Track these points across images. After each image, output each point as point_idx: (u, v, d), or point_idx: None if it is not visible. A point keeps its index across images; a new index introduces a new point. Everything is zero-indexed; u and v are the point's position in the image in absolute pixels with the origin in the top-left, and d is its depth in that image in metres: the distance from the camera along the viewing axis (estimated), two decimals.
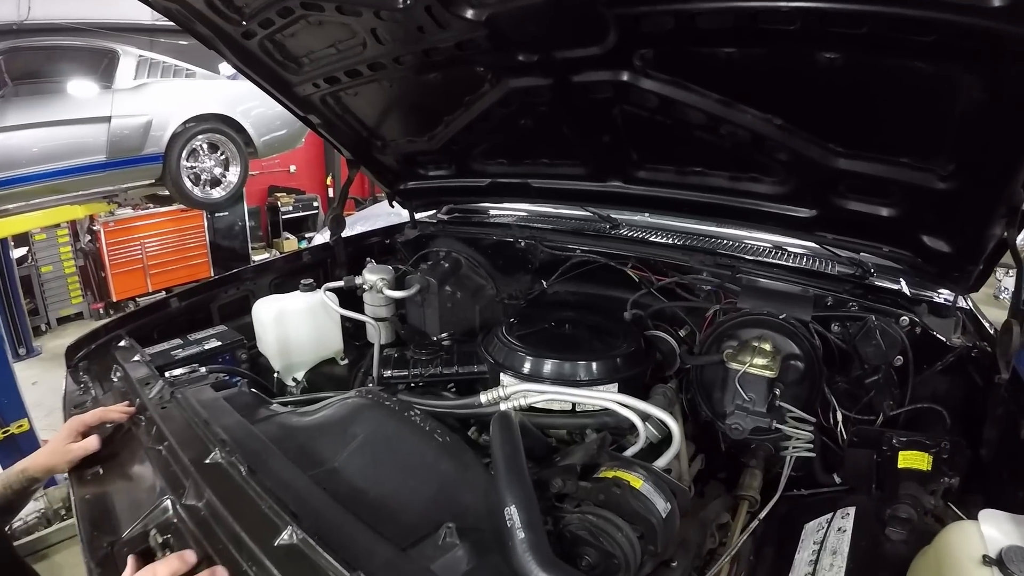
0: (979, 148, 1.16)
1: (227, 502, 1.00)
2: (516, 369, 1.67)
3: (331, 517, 0.95)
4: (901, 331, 1.46)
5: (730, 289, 1.76)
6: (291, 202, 8.70)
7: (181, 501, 1.09)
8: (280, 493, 0.99)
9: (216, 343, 1.91)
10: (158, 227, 6.81)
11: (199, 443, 1.17)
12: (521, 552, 0.91)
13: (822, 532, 1.33)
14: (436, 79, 1.77)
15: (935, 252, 1.41)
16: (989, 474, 1.22)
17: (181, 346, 1.86)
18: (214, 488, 1.04)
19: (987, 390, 1.26)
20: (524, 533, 0.93)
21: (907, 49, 1.06)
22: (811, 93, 1.31)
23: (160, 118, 5.39)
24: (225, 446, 1.13)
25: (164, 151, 5.44)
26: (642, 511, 1.17)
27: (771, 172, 1.59)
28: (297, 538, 0.89)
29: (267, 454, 1.13)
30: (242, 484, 1.03)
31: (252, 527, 0.94)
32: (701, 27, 1.22)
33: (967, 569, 0.89)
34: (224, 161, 5.95)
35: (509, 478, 1.04)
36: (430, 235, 2.50)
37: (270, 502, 0.96)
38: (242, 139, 5.91)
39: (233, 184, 6.04)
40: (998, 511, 0.97)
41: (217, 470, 1.09)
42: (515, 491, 1.00)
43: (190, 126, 5.53)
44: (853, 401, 1.54)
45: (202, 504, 1.06)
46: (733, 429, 1.49)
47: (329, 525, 0.93)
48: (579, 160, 1.94)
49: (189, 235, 7.08)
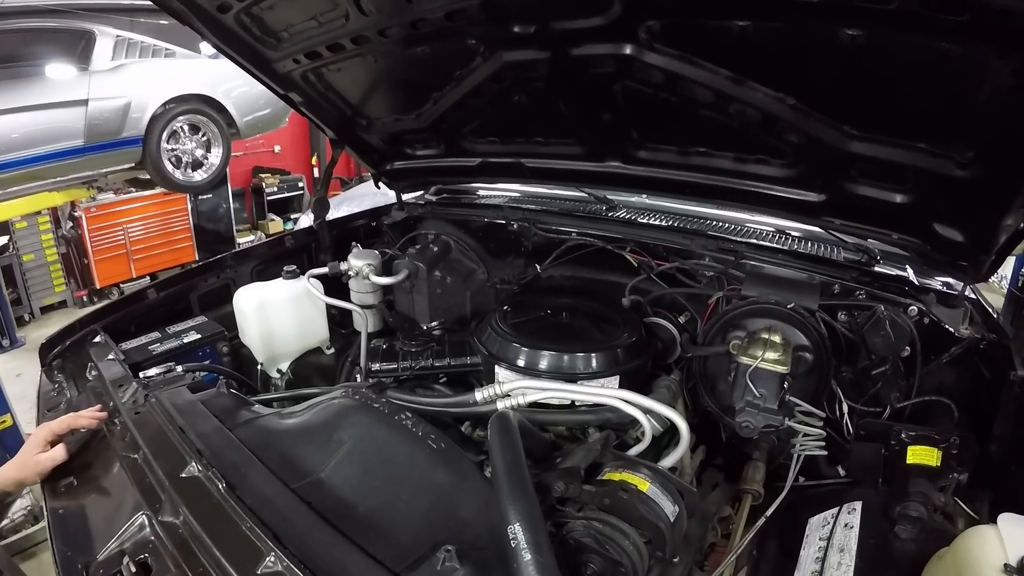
0: (1001, 136, 1.10)
1: (205, 522, 0.94)
2: (512, 361, 1.60)
3: (318, 538, 0.89)
4: (910, 321, 1.41)
5: (733, 275, 1.71)
6: (276, 183, 8.54)
7: (157, 517, 1.02)
8: (261, 512, 0.92)
9: (196, 336, 1.81)
10: (141, 211, 6.60)
11: (175, 453, 1.10)
12: (527, 575, 0.85)
13: (828, 528, 1.30)
14: (424, 53, 1.66)
15: (947, 241, 1.36)
16: (998, 470, 1.19)
17: (159, 340, 1.77)
18: (190, 505, 0.98)
19: (996, 383, 1.23)
20: (530, 555, 0.86)
21: (937, 28, 0.99)
22: (829, 72, 1.23)
23: (139, 100, 5.22)
24: (202, 458, 1.06)
25: (144, 134, 5.29)
26: (650, 516, 1.12)
27: (780, 154, 1.52)
28: (281, 565, 0.83)
29: (247, 466, 1.05)
30: (220, 501, 0.96)
31: (232, 551, 0.88)
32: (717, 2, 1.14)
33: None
34: (206, 143, 5.82)
35: (512, 493, 0.97)
36: (418, 217, 2.41)
37: (250, 523, 0.89)
38: (224, 120, 5.77)
39: (215, 166, 5.91)
40: (1017, 516, 0.94)
41: (194, 485, 1.02)
42: (519, 507, 0.94)
43: (170, 107, 5.38)
44: (859, 392, 1.50)
45: (180, 521, 0.99)
46: (744, 428, 1.44)
47: (316, 548, 0.87)
48: (576, 139, 1.86)
49: (173, 219, 6.88)
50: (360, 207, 6.71)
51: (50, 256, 6.28)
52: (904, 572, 1.07)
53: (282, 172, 8.77)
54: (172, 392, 1.31)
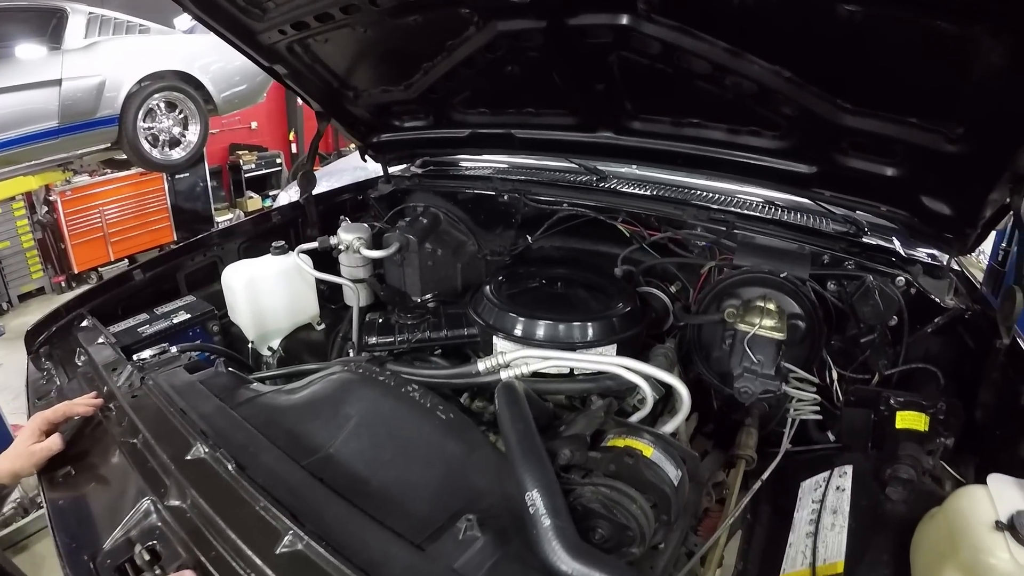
0: (991, 113, 1.12)
1: (216, 504, 0.93)
2: (509, 332, 1.61)
3: (335, 514, 0.89)
4: (898, 291, 1.45)
5: (725, 245, 1.73)
6: (253, 160, 8.37)
7: (163, 502, 1.01)
8: (274, 491, 0.92)
9: (185, 316, 1.78)
10: (117, 193, 6.37)
11: (177, 436, 1.09)
12: (548, 540, 0.87)
13: (820, 490, 1.35)
14: (415, 22, 1.62)
15: (934, 213, 1.39)
16: (983, 435, 1.24)
17: (148, 321, 1.73)
18: (200, 488, 0.97)
19: (981, 353, 1.28)
20: (549, 520, 0.89)
21: (933, 7, 1.01)
22: (825, 46, 1.24)
23: (114, 78, 5.05)
24: (207, 438, 1.04)
25: (119, 113, 5.14)
26: (655, 480, 1.15)
27: (773, 126, 1.54)
28: (301, 544, 0.82)
29: (255, 445, 1.04)
30: (230, 482, 0.95)
31: (248, 532, 0.87)
32: None
33: (979, 534, 0.90)
34: (183, 120, 5.68)
35: (526, 460, 0.99)
36: (406, 190, 2.38)
37: (264, 502, 0.89)
38: (201, 96, 5.63)
39: (193, 144, 5.80)
40: (1006, 476, 0.98)
41: (201, 467, 1.01)
42: (535, 474, 0.96)
43: (146, 85, 5.22)
44: (848, 360, 1.55)
45: (187, 505, 0.98)
46: (743, 393, 1.48)
47: (333, 524, 0.86)
48: (568, 109, 1.85)
49: (149, 199, 6.67)
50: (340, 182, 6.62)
51: (26, 242, 6.05)
52: (896, 532, 1.12)
53: (259, 149, 8.60)
54: (169, 373, 1.29)
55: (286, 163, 8.71)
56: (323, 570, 0.78)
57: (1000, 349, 1.17)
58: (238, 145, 8.37)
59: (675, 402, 1.57)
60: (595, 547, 1.03)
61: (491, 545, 0.86)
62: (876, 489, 1.23)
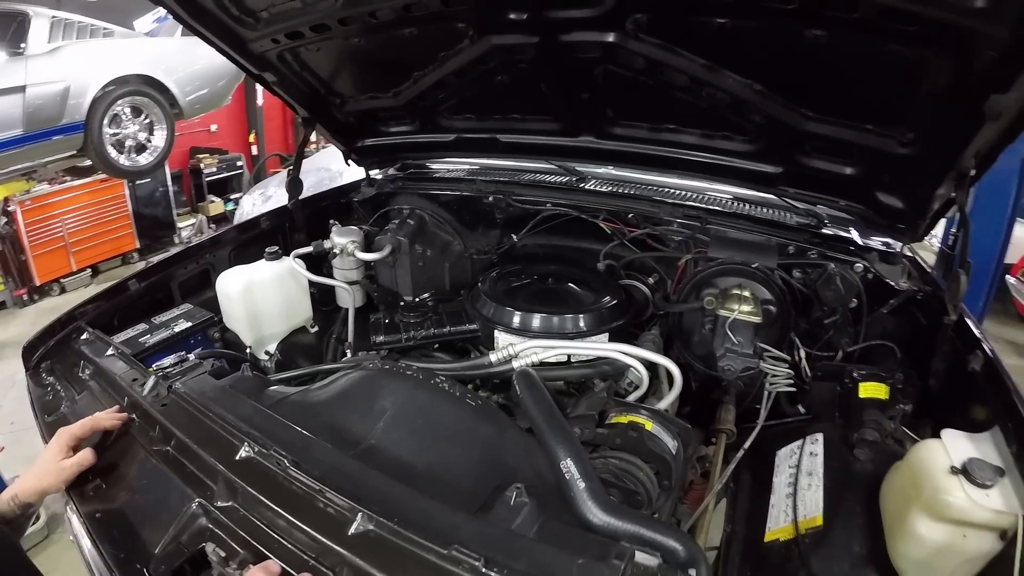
0: (937, 121, 1.29)
1: (276, 498, 0.97)
2: (510, 325, 1.73)
3: (395, 496, 0.95)
4: (857, 277, 1.64)
5: (700, 239, 1.88)
6: (214, 163, 8.17)
7: (213, 503, 1.04)
8: (333, 481, 0.97)
9: (186, 324, 1.81)
10: (77, 201, 6.15)
11: (221, 439, 1.12)
12: (584, 500, 1.00)
13: (795, 457, 1.52)
14: (411, 34, 1.70)
15: (888, 207, 1.57)
16: (937, 401, 1.43)
17: (148, 331, 1.75)
18: (256, 486, 1.01)
19: (932, 328, 1.46)
20: (584, 483, 1.01)
21: (890, 34, 1.16)
22: (792, 63, 1.39)
23: (79, 83, 4.91)
24: (255, 438, 1.08)
25: (85, 119, 4.99)
26: (657, 450, 1.30)
27: (743, 131, 1.69)
28: (371, 524, 0.89)
29: (301, 441, 1.09)
30: (287, 477, 1.00)
31: (317, 521, 0.92)
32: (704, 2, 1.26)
33: (938, 479, 1.06)
34: (148, 125, 5.56)
35: (556, 434, 1.11)
36: (390, 193, 2.44)
37: (328, 491, 0.94)
38: (166, 100, 5.52)
39: (160, 148, 5.68)
40: (957, 431, 1.16)
41: (252, 465, 1.05)
42: (566, 445, 1.08)
43: (110, 90, 5.08)
44: (813, 340, 1.72)
45: (240, 503, 1.02)
46: (726, 371, 1.64)
47: (396, 505, 0.92)
48: (552, 116, 1.96)
49: (110, 206, 6.45)
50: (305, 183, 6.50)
51: None
52: (866, 486, 1.28)
53: (220, 152, 8.41)
54: (196, 381, 1.31)
55: (247, 166, 8.56)
56: (398, 544, 0.85)
57: (948, 324, 1.36)
58: (198, 148, 8.17)
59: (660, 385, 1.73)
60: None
61: (536, 508, 0.97)
62: (845, 452, 1.40)
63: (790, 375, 1.64)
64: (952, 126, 1.24)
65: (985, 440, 1.11)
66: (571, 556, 0.82)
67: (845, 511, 1.27)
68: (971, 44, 1.07)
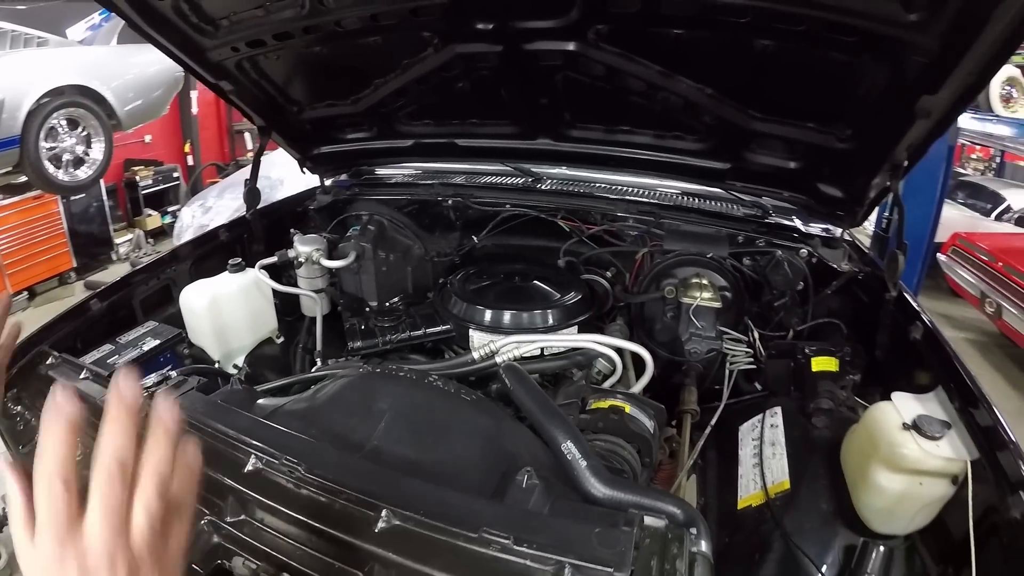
0: (873, 119, 1.44)
1: (295, 505, 0.97)
2: (483, 324, 1.80)
3: (412, 491, 0.97)
4: (802, 261, 1.79)
5: (655, 233, 2.00)
6: (150, 175, 7.77)
7: (222, 520, 1.02)
8: (348, 483, 0.97)
9: (155, 341, 1.74)
10: (9, 220, 5.70)
11: (223, 455, 1.09)
12: (587, 477, 1.07)
13: (757, 430, 1.64)
14: (375, 43, 1.72)
15: (828, 196, 1.73)
16: (883, 370, 1.58)
17: (115, 351, 1.67)
18: (270, 495, 0.99)
19: (873, 305, 1.62)
20: (585, 461, 1.09)
21: (832, 44, 1.29)
22: (741, 69, 1.52)
23: (12, 96, 4.59)
24: (261, 450, 1.06)
25: (20, 133, 4.67)
26: (637, 430, 1.40)
27: (694, 131, 1.81)
28: (397, 518, 0.90)
29: (308, 448, 1.08)
30: (300, 484, 0.99)
31: (340, 523, 0.92)
32: (663, 12, 1.35)
33: (892, 435, 1.18)
34: (86, 138, 5.25)
35: (553, 419, 1.18)
36: (347, 200, 2.43)
37: (346, 491, 0.95)
38: (104, 111, 5.23)
39: (99, 161, 5.39)
40: (905, 393, 1.30)
41: (262, 477, 1.03)
42: (563, 429, 1.15)
43: (45, 102, 4.76)
44: (765, 322, 1.87)
45: (253, 516, 1.01)
46: (692, 353, 1.75)
47: (415, 499, 0.94)
48: (511, 120, 2.02)
49: (44, 225, 6.02)
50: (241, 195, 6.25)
51: None
52: (826, 450, 1.40)
53: (155, 163, 8.04)
54: (185, 397, 1.27)
55: (184, 177, 8.23)
56: (426, 535, 0.87)
57: (890, 300, 1.51)
58: (133, 160, 7.75)
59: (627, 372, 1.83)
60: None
61: (545, 489, 1.03)
62: (803, 421, 1.52)
63: (749, 353, 1.77)
64: (887, 123, 1.38)
65: (931, 399, 1.26)
66: (587, 527, 0.88)
67: (810, 474, 1.39)
68: (904, 52, 1.21)
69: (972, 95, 1.24)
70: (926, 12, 1.11)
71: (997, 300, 5.04)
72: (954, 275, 5.77)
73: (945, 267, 5.89)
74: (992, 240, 5.62)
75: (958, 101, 1.23)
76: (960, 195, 7.65)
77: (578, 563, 0.80)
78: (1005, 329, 5.06)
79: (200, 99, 8.58)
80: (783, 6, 1.22)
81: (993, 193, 7.50)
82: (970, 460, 1.11)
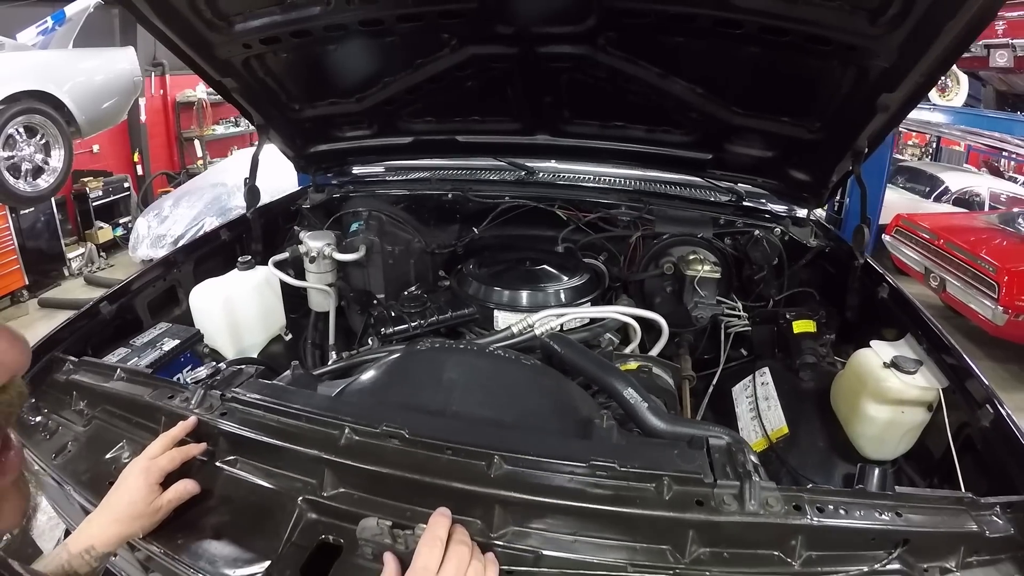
0: (839, 113, 1.67)
1: (406, 467, 1.00)
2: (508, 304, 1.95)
3: (514, 439, 1.06)
4: (777, 239, 2.05)
5: (646, 218, 2.21)
6: (100, 186, 7.31)
7: (320, 495, 1.03)
8: (450, 439, 1.03)
9: (173, 342, 1.73)
10: None
11: (312, 433, 1.09)
12: (650, 416, 1.25)
13: (749, 389, 1.85)
14: (390, 42, 1.79)
15: (797, 180, 1.98)
16: (854, 329, 1.83)
17: (133, 354, 1.65)
18: (372, 463, 1.02)
19: (841, 274, 1.88)
20: (646, 403, 1.27)
21: (809, 51, 1.51)
22: (728, 71, 1.73)
23: None
24: (353, 424, 1.08)
25: None
26: (663, 386, 1.60)
27: (681, 126, 2.02)
28: (509, 463, 0.97)
29: (398, 415, 1.13)
30: (406, 448, 1.03)
31: (455, 475, 0.97)
32: (670, 24, 1.54)
33: (876, 373, 1.43)
34: (44, 146, 4.96)
35: (610, 373, 1.37)
36: (342, 197, 2.48)
37: (452, 446, 1.01)
38: (63, 117, 4.96)
39: (59, 170, 5.11)
40: (881, 341, 1.55)
41: (362, 447, 1.05)
42: (622, 380, 1.33)
43: (2, 109, 4.49)
44: (747, 294, 2.11)
45: (352, 487, 1.03)
46: (699, 319, 1.96)
47: (520, 445, 1.03)
48: (512, 117, 2.15)
49: None
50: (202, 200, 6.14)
51: None
52: (816, 398, 1.64)
53: (105, 174, 7.60)
54: (248, 385, 1.26)
55: (134, 187, 7.84)
56: (541, 474, 0.98)
57: (858, 266, 1.77)
58: (81, 172, 7.27)
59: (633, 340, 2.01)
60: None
61: (618, 429, 1.20)
62: (791, 377, 1.75)
63: (745, 316, 2.00)
64: (851, 116, 1.62)
65: (902, 345, 1.52)
66: (668, 450, 1.06)
67: (805, 418, 1.62)
68: (869, 58, 1.45)
69: (923, 92, 1.52)
70: (889, 26, 1.34)
71: (940, 275, 5.37)
72: (899, 254, 6.05)
73: (890, 246, 6.20)
74: (933, 220, 5.94)
75: (911, 98, 1.49)
76: (900, 179, 8.00)
77: (674, 474, 0.97)
78: (949, 300, 5.38)
79: (148, 107, 8.30)
80: (774, 20, 1.43)
81: (931, 176, 7.84)
82: (941, 388, 1.36)
